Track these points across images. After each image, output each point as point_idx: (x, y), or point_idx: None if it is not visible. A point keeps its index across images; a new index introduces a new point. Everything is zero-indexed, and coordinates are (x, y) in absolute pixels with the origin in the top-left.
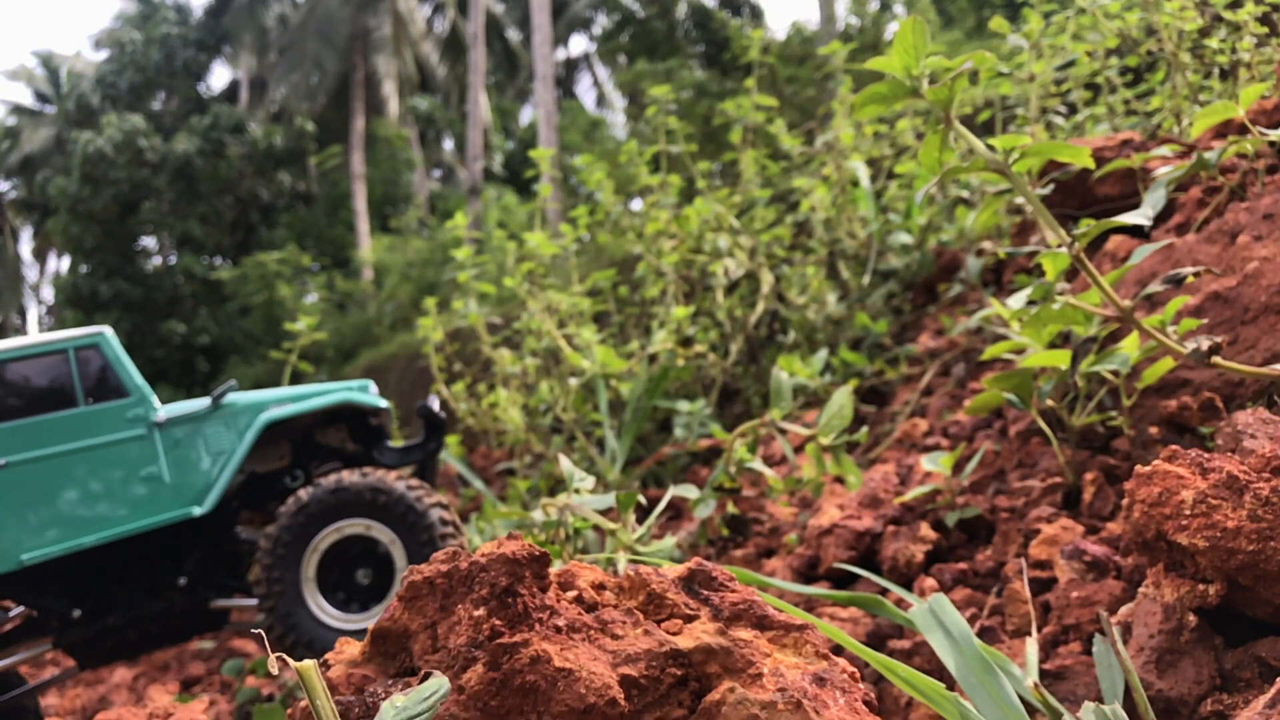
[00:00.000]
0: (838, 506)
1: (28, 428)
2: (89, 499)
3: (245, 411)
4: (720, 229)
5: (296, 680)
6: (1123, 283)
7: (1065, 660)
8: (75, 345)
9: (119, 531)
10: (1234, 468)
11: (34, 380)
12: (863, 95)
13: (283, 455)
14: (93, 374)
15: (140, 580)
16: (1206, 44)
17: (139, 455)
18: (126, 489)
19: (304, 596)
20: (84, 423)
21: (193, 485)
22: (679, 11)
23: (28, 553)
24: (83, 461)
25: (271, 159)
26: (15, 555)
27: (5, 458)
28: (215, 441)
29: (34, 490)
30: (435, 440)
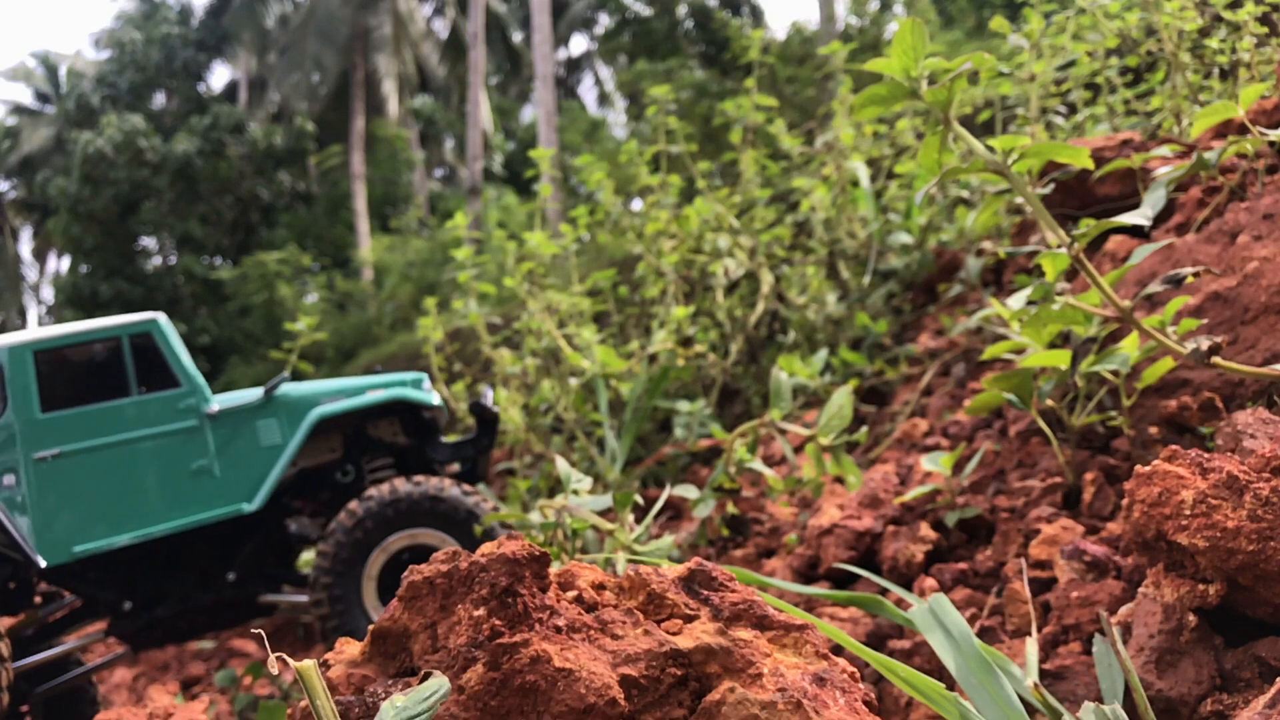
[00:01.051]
0: (838, 506)
1: (80, 416)
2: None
3: (297, 405)
4: (720, 229)
5: (294, 680)
6: (1123, 283)
7: (1065, 660)
8: (129, 332)
9: (170, 526)
10: (1234, 468)
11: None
12: (862, 96)
13: (334, 448)
14: (146, 362)
15: (190, 573)
16: (1206, 44)
17: (190, 447)
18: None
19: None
20: (136, 412)
21: (243, 480)
22: (679, 11)
23: (80, 545)
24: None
25: (271, 159)
26: (68, 547)
27: (58, 447)
28: (266, 435)
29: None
30: (488, 436)
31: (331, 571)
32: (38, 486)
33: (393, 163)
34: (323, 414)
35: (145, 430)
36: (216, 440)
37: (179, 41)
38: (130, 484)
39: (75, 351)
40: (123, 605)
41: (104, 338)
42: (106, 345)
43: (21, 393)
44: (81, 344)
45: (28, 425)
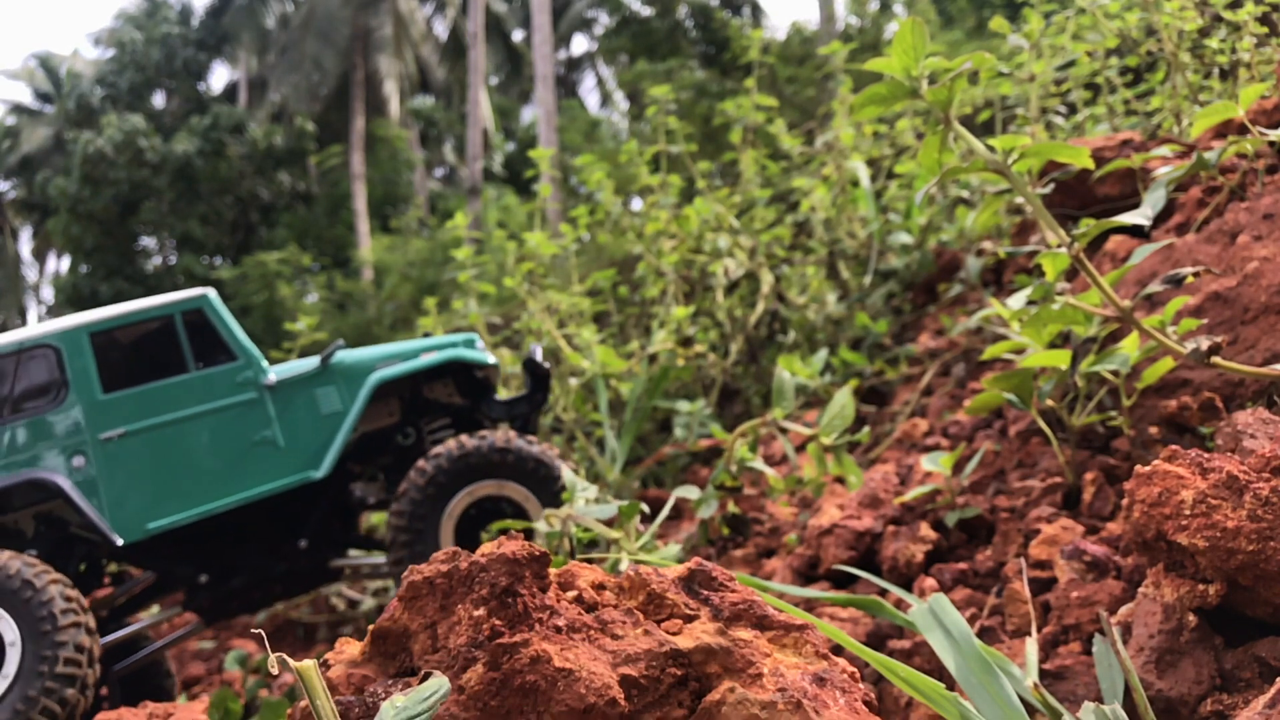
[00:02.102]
0: (838, 506)
1: (141, 395)
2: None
3: (354, 371)
4: (720, 229)
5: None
6: (1123, 283)
7: (1065, 660)
8: (181, 309)
9: (240, 498)
10: (1234, 468)
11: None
12: (862, 96)
13: (391, 412)
14: (200, 338)
15: (262, 543)
16: (1206, 44)
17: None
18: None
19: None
20: (196, 388)
21: (307, 448)
22: (679, 11)
23: (153, 521)
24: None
25: (271, 159)
26: (142, 524)
27: (123, 426)
28: (326, 403)
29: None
30: (541, 392)
31: (409, 530)
32: (107, 466)
33: (393, 163)
34: (382, 378)
35: (206, 405)
36: (277, 410)
37: (179, 41)
38: (197, 459)
39: (129, 331)
40: (198, 579)
41: (157, 316)
42: (160, 323)
43: (81, 375)
44: (135, 323)
45: (91, 407)
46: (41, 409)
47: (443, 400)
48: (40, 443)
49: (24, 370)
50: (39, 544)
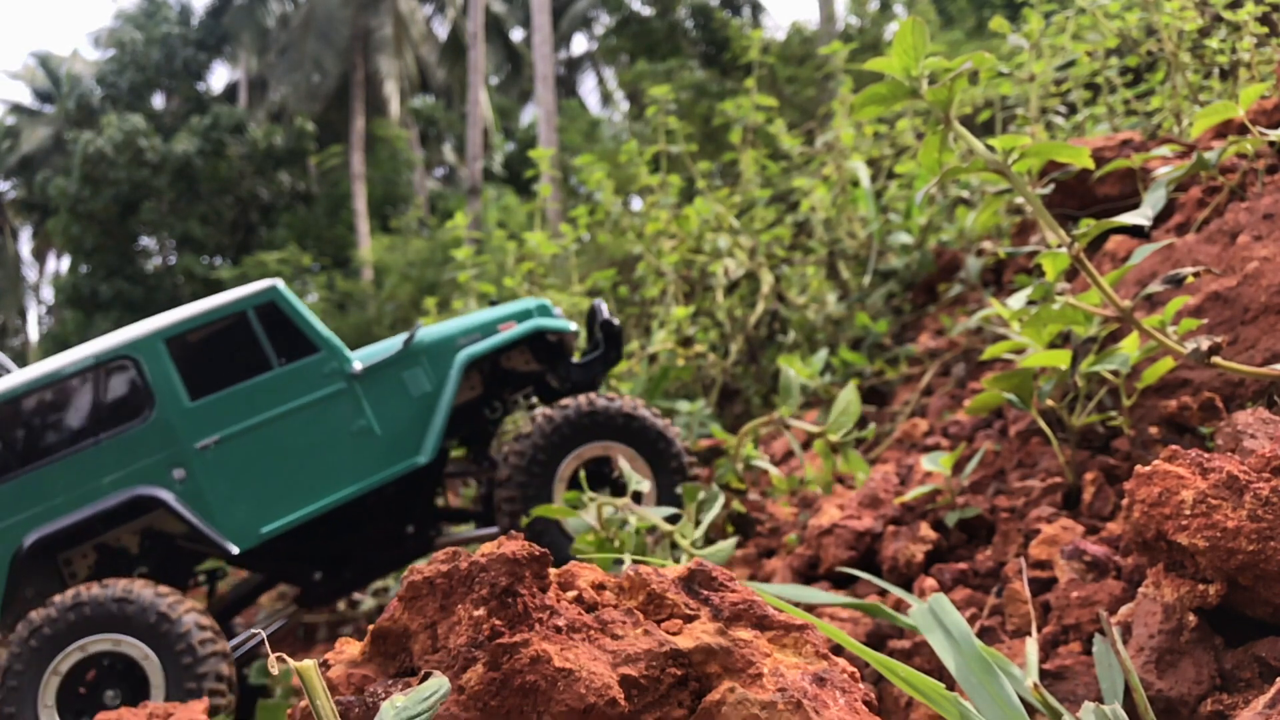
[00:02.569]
0: (838, 506)
1: (229, 398)
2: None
3: (437, 350)
4: (720, 229)
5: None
6: (1123, 283)
7: (1065, 660)
8: (253, 304)
9: (350, 492)
10: (1234, 468)
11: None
12: (862, 96)
13: (474, 386)
14: (278, 332)
15: (372, 533)
16: (1206, 44)
17: (346, 410)
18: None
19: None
20: (283, 385)
21: (406, 433)
22: (679, 11)
23: (266, 526)
24: (293, 425)
25: (272, 159)
26: (255, 530)
27: (217, 433)
28: (414, 385)
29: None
30: (615, 350)
31: (527, 471)
32: (208, 475)
33: (393, 163)
34: (471, 355)
35: (297, 401)
36: (368, 398)
37: (179, 41)
38: (298, 456)
39: (204, 332)
40: (313, 576)
41: (230, 314)
42: (234, 320)
43: (165, 384)
44: (209, 324)
45: (180, 416)
46: (131, 423)
47: (521, 369)
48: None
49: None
50: (146, 560)
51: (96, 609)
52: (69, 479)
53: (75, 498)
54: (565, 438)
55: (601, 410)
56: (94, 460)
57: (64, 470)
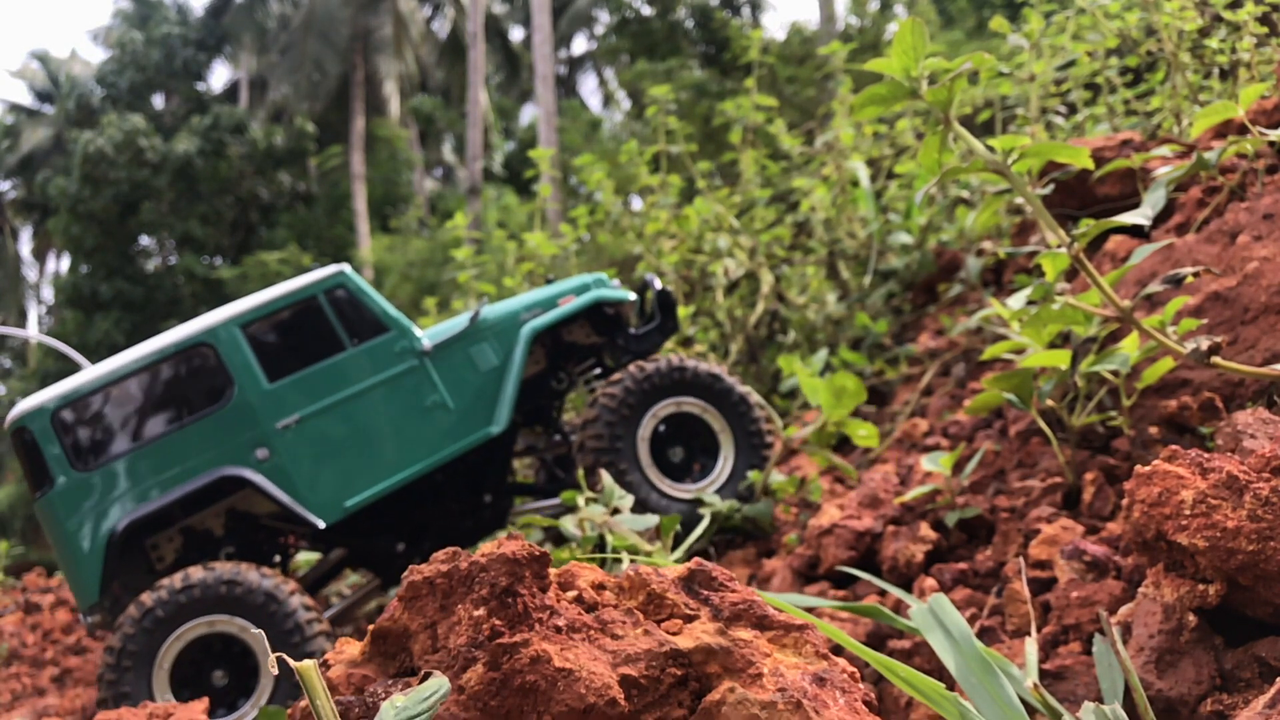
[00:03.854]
0: (838, 506)
1: (306, 379)
2: (389, 438)
3: (502, 325)
4: (720, 229)
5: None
6: (1123, 283)
7: (1065, 660)
8: (323, 288)
9: (429, 463)
10: (1234, 468)
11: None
12: (862, 96)
13: (538, 360)
14: (348, 314)
15: (451, 503)
16: (1206, 44)
17: (419, 386)
18: (420, 421)
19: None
20: (357, 364)
21: (478, 406)
22: (679, 11)
23: (350, 499)
24: (369, 402)
25: (272, 159)
26: (339, 504)
27: (297, 413)
28: (482, 359)
29: (335, 439)
30: (671, 320)
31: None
32: (291, 453)
33: (393, 163)
34: (535, 328)
35: (372, 380)
36: (439, 374)
37: (179, 41)
38: (376, 432)
39: (278, 317)
40: (396, 548)
41: (302, 298)
42: (305, 305)
43: (243, 368)
44: (282, 309)
45: (260, 398)
46: (213, 407)
47: (581, 342)
48: (220, 440)
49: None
50: (232, 540)
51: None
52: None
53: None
54: (655, 388)
55: (690, 369)
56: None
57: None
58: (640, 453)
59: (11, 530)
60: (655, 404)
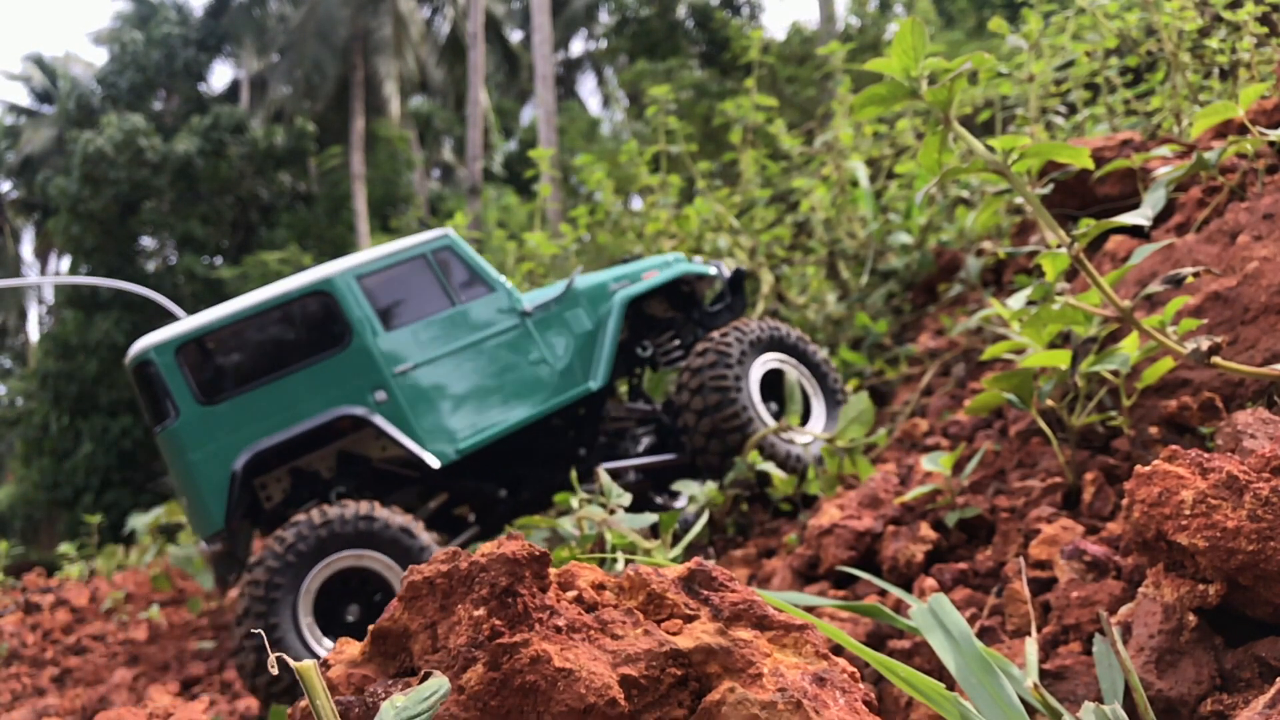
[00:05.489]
0: (838, 506)
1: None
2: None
3: (594, 293)
4: (720, 229)
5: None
6: (1123, 283)
7: (1065, 660)
8: (431, 249)
9: (535, 413)
10: (1234, 468)
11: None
12: (862, 96)
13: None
14: (454, 274)
15: (550, 455)
16: (1206, 44)
17: (521, 343)
18: (524, 375)
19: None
20: (464, 320)
21: (576, 364)
22: (679, 11)
23: (463, 444)
24: (478, 354)
25: (272, 159)
26: (452, 446)
27: (411, 360)
28: (576, 323)
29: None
30: (740, 299)
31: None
32: (408, 398)
33: (393, 163)
34: (627, 296)
35: (479, 334)
36: (539, 333)
37: (179, 41)
38: (485, 383)
39: (390, 273)
40: (499, 493)
41: (411, 257)
42: (415, 263)
43: (360, 316)
44: (394, 265)
45: (379, 344)
46: (332, 350)
47: (660, 314)
48: (339, 382)
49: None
50: (341, 481)
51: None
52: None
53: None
54: (759, 341)
55: (784, 333)
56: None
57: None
58: (755, 398)
59: (11, 530)
60: (759, 356)
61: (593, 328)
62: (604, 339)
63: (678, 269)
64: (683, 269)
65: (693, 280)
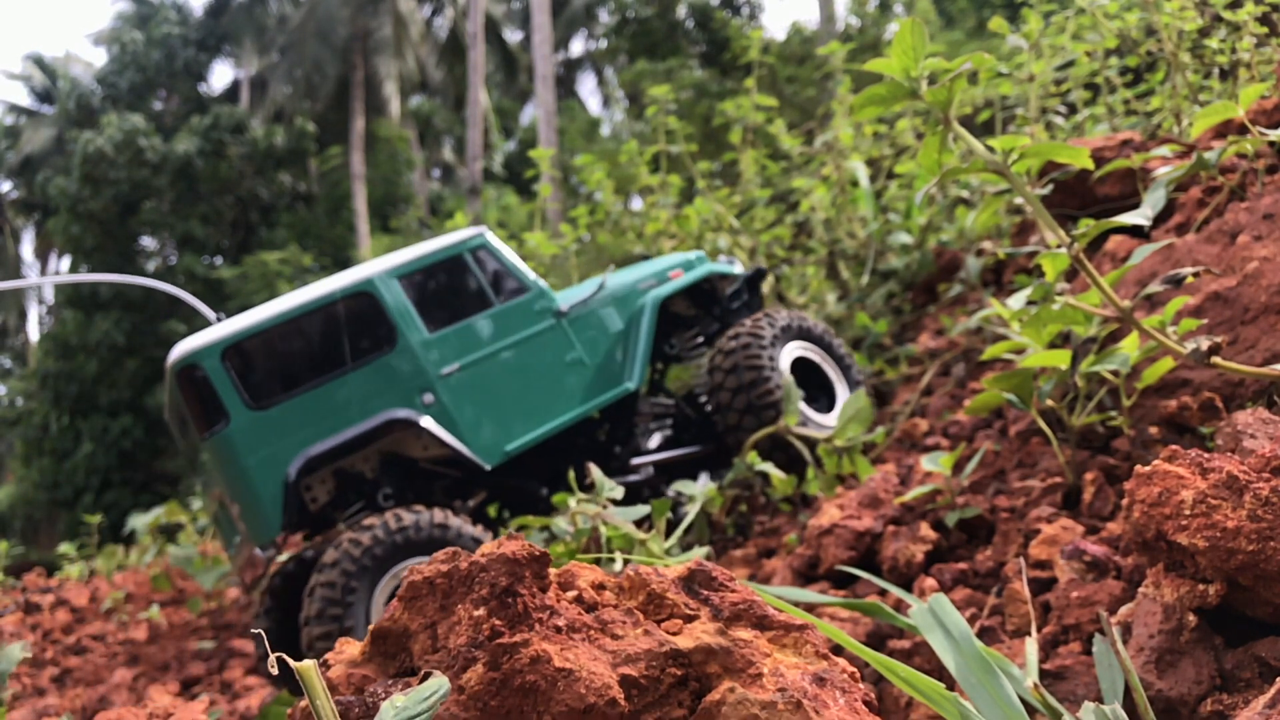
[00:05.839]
0: (838, 506)
1: (462, 331)
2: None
3: (624, 293)
4: (720, 229)
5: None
6: (1123, 283)
7: (1065, 660)
8: (468, 248)
9: (577, 414)
10: (1234, 468)
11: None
12: (862, 96)
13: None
14: (491, 273)
15: (584, 452)
16: (1206, 44)
17: (558, 343)
18: (562, 375)
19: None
20: (504, 320)
21: (611, 363)
22: (679, 11)
23: (509, 444)
24: (519, 355)
25: (272, 159)
26: (500, 448)
27: (456, 361)
28: (610, 322)
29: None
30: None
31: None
32: (454, 400)
33: (393, 163)
34: (660, 296)
35: (519, 335)
36: (575, 333)
37: (179, 42)
38: (529, 383)
39: (430, 273)
40: (541, 492)
41: (450, 256)
42: (454, 262)
43: (406, 318)
44: (434, 265)
45: (423, 346)
46: (379, 353)
47: (682, 312)
48: (387, 385)
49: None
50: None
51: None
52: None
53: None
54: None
55: (810, 324)
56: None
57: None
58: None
59: (11, 530)
60: (788, 344)
61: (624, 326)
62: (638, 338)
63: (705, 268)
64: (709, 268)
65: (714, 279)
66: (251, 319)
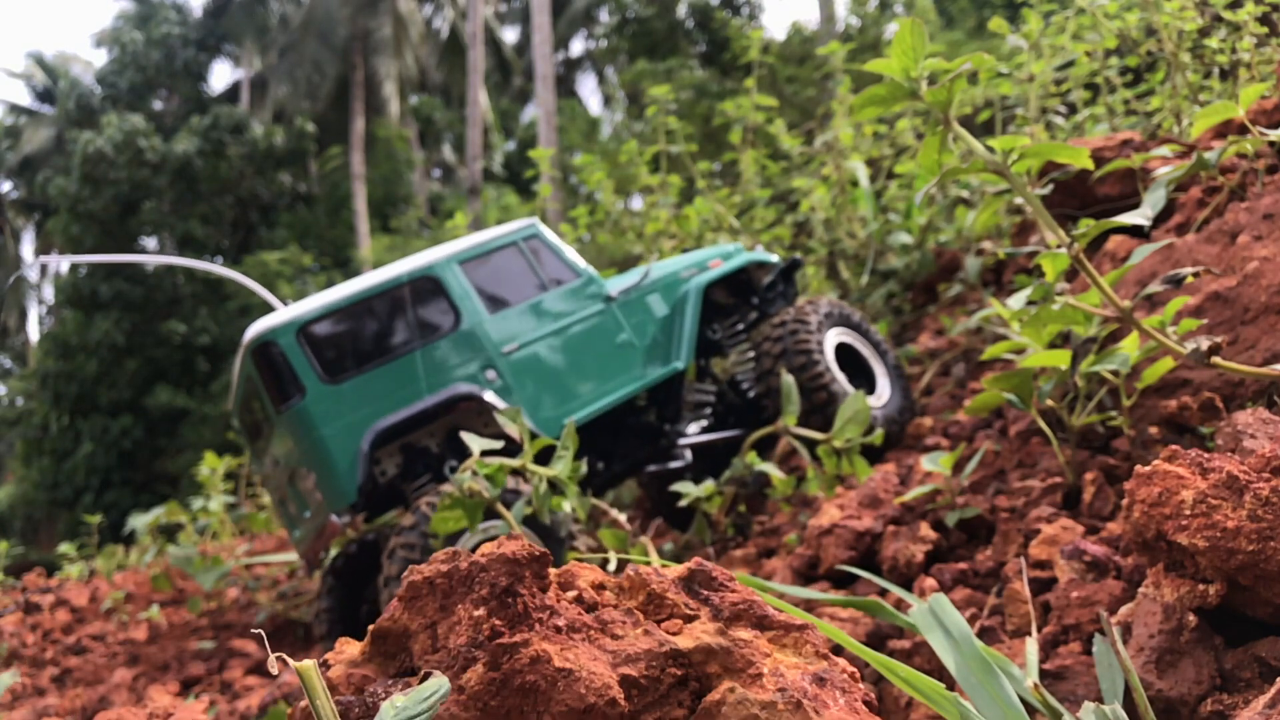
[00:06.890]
0: (838, 506)
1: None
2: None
3: (668, 280)
4: (720, 229)
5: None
6: (1123, 283)
7: (1065, 660)
8: (521, 236)
9: (629, 391)
10: (1234, 468)
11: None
12: (862, 97)
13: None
14: (543, 261)
15: (639, 430)
16: (1206, 44)
17: (609, 326)
18: (613, 355)
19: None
20: (558, 304)
21: (659, 346)
22: (679, 11)
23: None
24: (573, 336)
25: (272, 159)
26: (559, 423)
27: (516, 341)
28: (656, 307)
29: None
30: (792, 287)
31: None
32: (516, 377)
33: (393, 163)
34: (703, 282)
35: (572, 318)
36: (624, 317)
37: (179, 42)
38: (581, 363)
39: (488, 259)
40: (597, 466)
41: (505, 244)
42: (509, 250)
43: (466, 300)
44: (491, 251)
45: (485, 326)
46: (443, 332)
47: (721, 301)
48: (454, 362)
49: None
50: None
51: None
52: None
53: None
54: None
55: (848, 311)
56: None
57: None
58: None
59: (11, 530)
60: (831, 329)
61: (669, 312)
62: (684, 321)
63: (744, 257)
64: (748, 257)
65: (751, 269)
66: (323, 299)
